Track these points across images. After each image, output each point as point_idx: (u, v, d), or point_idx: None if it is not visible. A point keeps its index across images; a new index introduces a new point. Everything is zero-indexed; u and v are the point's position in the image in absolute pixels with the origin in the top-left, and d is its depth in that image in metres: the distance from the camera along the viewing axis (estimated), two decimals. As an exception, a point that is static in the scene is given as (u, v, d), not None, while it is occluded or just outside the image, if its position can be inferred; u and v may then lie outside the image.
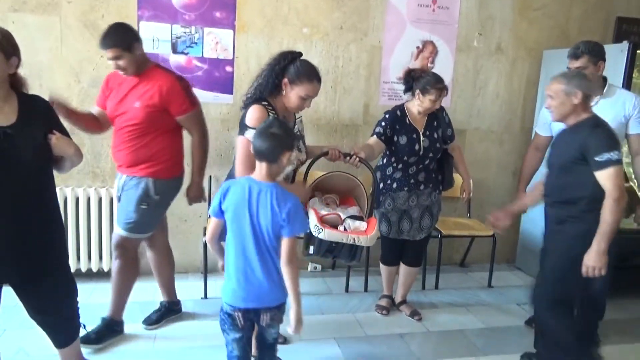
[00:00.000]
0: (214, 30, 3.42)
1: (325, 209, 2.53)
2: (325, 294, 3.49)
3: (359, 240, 2.29)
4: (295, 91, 2.23)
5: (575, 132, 2.29)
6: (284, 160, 1.86)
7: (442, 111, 3.02)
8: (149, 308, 3.08)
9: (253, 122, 2.15)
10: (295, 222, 1.84)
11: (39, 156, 1.95)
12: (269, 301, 1.93)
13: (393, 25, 3.71)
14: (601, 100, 2.73)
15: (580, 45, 2.69)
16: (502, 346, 2.90)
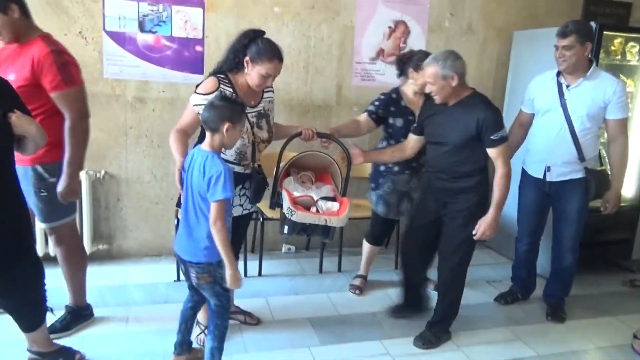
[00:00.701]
0: (182, 9, 3.32)
1: (299, 188, 2.53)
2: (299, 274, 3.48)
3: (330, 221, 2.36)
4: (257, 69, 2.25)
5: (464, 111, 2.40)
6: (223, 130, 1.98)
7: None
8: (120, 292, 3.03)
9: (200, 89, 2.25)
10: (215, 188, 1.96)
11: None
12: (188, 255, 2.10)
13: (365, 4, 3.66)
14: (584, 81, 2.76)
15: (569, 23, 2.70)
16: (472, 323, 2.94)
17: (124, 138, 3.38)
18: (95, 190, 3.38)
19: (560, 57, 2.74)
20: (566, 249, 2.97)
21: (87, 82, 3.19)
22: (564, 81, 2.82)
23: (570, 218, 2.90)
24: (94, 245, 3.38)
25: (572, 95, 2.79)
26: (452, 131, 2.44)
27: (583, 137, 2.78)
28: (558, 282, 3.10)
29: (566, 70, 2.77)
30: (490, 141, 2.37)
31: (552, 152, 2.86)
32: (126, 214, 3.49)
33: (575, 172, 2.84)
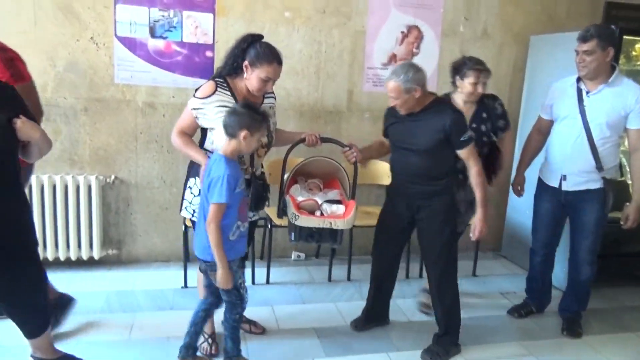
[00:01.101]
0: (193, 14, 3.31)
1: (305, 194, 2.49)
2: (308, 283, 3.43)
3: (335, 224, 2.35)
4: (256, 73, 2.23)
5: (430, 117, 2.41)
6: (241, 137, 2.04)
7: (495, 101, 2.81)
8: (126, 297, 3.02)
9: (198, 93, 2.25)
10: (213, 190, 2.03)
11: (2, 140, 1.87)
12: (200, 253, 2.18)
13: (377, 9, 3.60)
14: (605, 88, 2.65)
15: (590, 28, 2.60)
16: (483, 336, 2.85)
17: (134, 143, 3.38)
18: (106, 195, 3.39)
19: (580, 62, 2.64)
20: (583, 261, 2.86)
21: (98, 87, 3.27)
22: (584, 87, 2.71)
23: (587, 229, 2.79)
24: (103, 250, 3.39)
25: (591, 102, 2.68)
26: (420, 137, 2.43)
27: (602, 145, 2.67)
28: (574, 296, 2.99)
29: (586, 76, 2.67)
30: (460, 143, 2.41)
31: (569, 161, 2.75)
32: (136, 219, 3.49)
33: (592, 182, 2.73)
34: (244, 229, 2.19)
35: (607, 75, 2.65)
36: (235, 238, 2.15)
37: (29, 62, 3.09)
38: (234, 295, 2.24)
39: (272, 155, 3.47)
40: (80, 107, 3.25)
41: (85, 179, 3.24)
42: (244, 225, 2.19)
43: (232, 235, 2.13)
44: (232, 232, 2.13)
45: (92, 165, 3.33)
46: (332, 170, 2.64)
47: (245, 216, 2.20)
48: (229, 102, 2.25)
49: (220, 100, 2.24)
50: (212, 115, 2.24)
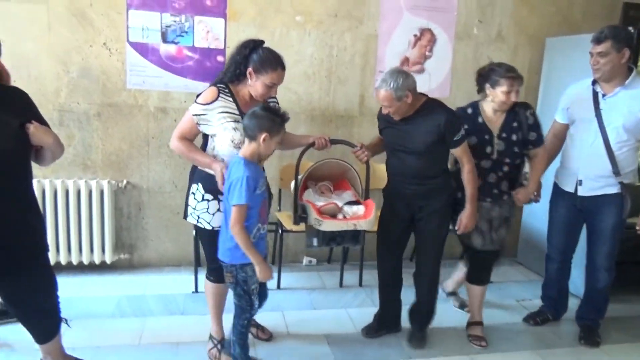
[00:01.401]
0: (204, 19, 3.31)
1: (321, 198, 2.47)
2: (319, 288, 3.40)
3: (359, 225, 2.35)
4: (261, 80, 2.22)
5: (424, 119, 2.42)
6: (260, 140, 2.05)
7: (526, 110, 2.60)
8: (138, 302, 3.02)
9: (200, 98, 2.25)
10: (233, 192, 2.04)
11: (15, 145, 1.88)
12: (219, 253, 2.21)
13: (389, 12, 3.57)
14: (621, 90, 2.58)
15: (605, 29, 2.54)
16: (498, 344, 2.79)
17: (145, 148, 3.39)
18: (118, 200, 3.40)
19: (595, 65, 2.58)
20: (600, 268, 2.78)
21: (111, 93, 3.29)
22: (600, 90, 2.65)
23: (604, 236, 2.71)
24: (115, 255, 3.40)
25: (607, 105, 2.62)
26: (415, 139, 2.43)
27: (619, 149, 2.60)
28: (592, 304, 2.91)
29: (601, 79, 2.61)
30: (454, 142, 2.42)
31: (585, 165, 2.69)
32: (147, 223, 3.50)
33: (609, 186, 2.66)
34: (263, 231, 2.20)
35: (623, 77, 2.58)
36: (255, 240, 2.15)
37: (43, 69, 3.17)
38: (244, 300, 2.23)
39: (285, 159, 3.49)
40: (93, 112, 3.27)
41: (97, 184, 3.26)
42: (264, 228, 2.20)
43: (252, 238, 2.13)
44: (253, 234, 2.13)
45: (105, 170, 3.35)
46: (340, 171, 2.63)
47: (265, 218, 2.20)
48: (231, 108, 2.24)
49: (222, 107, 2.23)
50: (214, 122, 2.23)
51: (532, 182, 2.68)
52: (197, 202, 2.32)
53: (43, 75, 3.17)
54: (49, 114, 3.17)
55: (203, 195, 2.30)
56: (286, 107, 2.67)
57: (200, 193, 2.30)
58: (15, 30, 3.08)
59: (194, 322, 2.81)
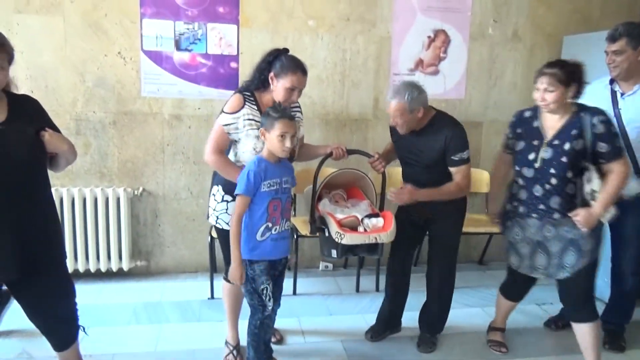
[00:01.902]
0: (217, 26, 3.33)
1: (337, 208, 2.45)
2: (335, 294, 3.37)
3: (380, 238, 2.31)
4: (281, 83, 2.25)
5: (432, 132, 2.41)
6: (262, 137, 2.12)
7: (593, 116, 2.21)
8: (154, 309, 3.03)
9: (227, 107, 2.28)
10: (238, 182, 2.10)
11: (32, 153, 1.91)
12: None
13: (402, 14, 3.55)
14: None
15: (619, 26, 2.48)
16: (519, 349, 2.73)
17: (161, 155, 3.41)
18: (134, 207, 3.43)
19: (611, 63, 2.53)
20: (626, 272, 2.71)
21: (126, 101, 3.32)
22: (618, 89, 2.59)
23: (628, 238, 2.64)
24: (132, 262, 3.42)
25: (626, 104, 2.55)
26: (424, 153, 2.44)
27: (639, 150, 2.53)
28: (618, 308, 2.83)
29: (619, 77, 2.55)
30: (452, 161, 2.41)
31: None
32: (163, 230, 3.52)
33: (630, 188, 2.56)
34: (275, 232, 2.17)
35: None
36: (263, 239, 2.14)
37: (60, 79, 3.22)
38: (255, 299, 2.23)
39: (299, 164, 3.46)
40: (108, 120, 3.31)
41: (114, 192, 3.29)
42: (276, 229, 2.17)
43: (259, 236, 2.13)
44: (260, 232, 2.13)
45: (121, 177, 3.38)
46: (353, 179, 2.60)
47: (277, 219, 2.17)
48: (255, 115, 2.27)
49: (248, 114, 2.26)
50: (241, 129, 2.26)
51: (599, 203, 2.22)
52: (216, 202, 2.36)
53: (60, 86, 3.22)
54: (66, 124, 3.22)
55: (222, 197, 2.33)
56: (299, 112, 2.69)
57: (220, 194, 2.34)
58: (33, 42, 3.14)
59: (210, 329, 2.81)
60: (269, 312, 2.25)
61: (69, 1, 3.15)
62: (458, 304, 3.24)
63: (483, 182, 3.65)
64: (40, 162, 1.98)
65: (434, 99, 3.65)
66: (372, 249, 2.36)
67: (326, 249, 2.39)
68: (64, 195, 3.20)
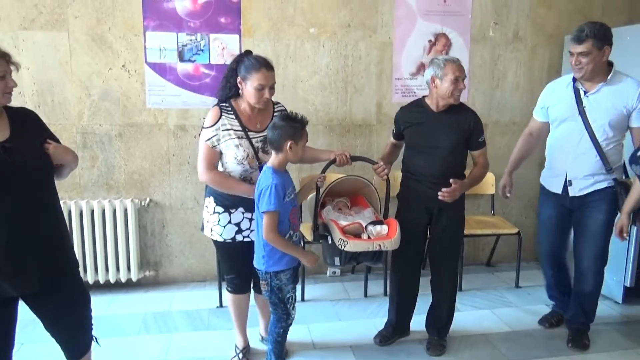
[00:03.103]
0: (220, 36, 3.38)
1: (340, 216, 2.45)
2: (343, 299, 3.38)
3: (384, 245, 2.30)
4: (249, 85, 2.25)
5: (453, 116, 2.47)
6: (287, 149, 2.10)
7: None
8: (163, 318, 3.06)
9: (206, 122, 2.30)
10: (263, 200, 2.09)
11: (41, 165, 1.94)
12: (255, 261, 2.27)
13: (403, 19, 3.58)
14: (603, 87, 2.50)
15: (584, 27, 2.45)
16: (528, 350, 2.73)
17: (167, 166, 3.45)
18: (141, 218, 3.47)
19: (577, 65, 2.49)
20: (588, 271, 2.67)
21: (131, 113, 3.37)
22: (582, 87, 2.56)
23: (593, 235, 2.62)
24: (140, 272, 3.46)
25: (591, 102, 2.53)
26: (445, 137, 2.47)
27: (606, 146, 2.52)
28: (580, 308, 2.78)
29: (583, 78, 2.53)
30: (478, 143, 2.52)
31: (573, 165, 2.60)
32: (171, 240, 3.55)
33: (598, 182, 2.57)
34: (296, 238, 2.22)
35: (605, 74, 2.50)
36: None
37: (66, 93, 3.27)
38: (280, 309, 2.26)
39: (304, 171, 3.50)
40: (114, 133, 3.36)
41: (121, 203, 3.33)
42: (296, 235, 2.22)
43: None
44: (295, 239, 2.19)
45: (128, 189, 3.43)
46: (357, 187, 2.60)
47: (297, 225, 2.22)
48: (234, 125, 2.29)
49: (226, 124, 2.29)
50: (222, 140, 2.28)
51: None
52: (209, 214, 2.39)
53: (66, 100, 3.28)
54: (73, 137, 3.28)
55: (214, 208, 2.35)
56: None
57: (212, 206, 2.36)
58: (39, 58, 3.20)
59: (219, 337, 2.83)
60: (292, 320, 2.29)
61: (74, 17, 3.21)
62: (466, 306, 3.25)
63: (489, 184, 3.66)
64: (49, 173, 2.02)
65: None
66: (375, 257, 2.34)
67: (329, 256, 2.38)
68: (72, 208, 3.24)
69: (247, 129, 2.28)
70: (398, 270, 2.73)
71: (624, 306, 3.25)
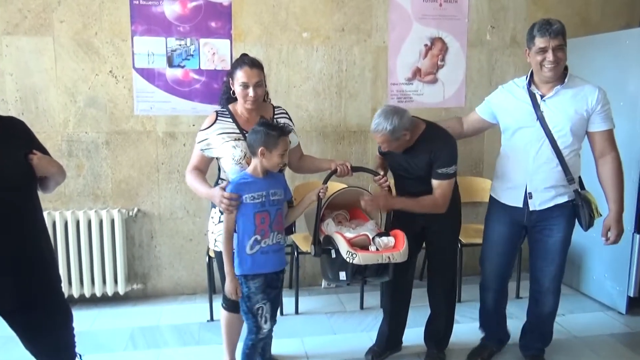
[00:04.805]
0: (210, 41, 3.39)
1: (344, 229, 2.42)
2: (339, 312, 3.37)
3: (393, 257, 2.26)
4: (236, 84, 2.31)
5: (422, 146, 2.42)
6: (259, 154, 2.13)
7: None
8: (152, 333, 3.03)
9: (202, 125, 2.37)
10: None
11: (24, 178, 1.92)
12: None
13: (398, 23, 3.60)
14: (561, 90, 2.36)
15: (553, 20, 2.35)
16: (530, 363, 2.72)
17: (155, 174, 3.44)
18: (129, 228, 3.45)
19: (553, 62, 2.30)
20: (547, 292, 2.56)
21: (119, 120, 3.36)
22: (537, 91, 2.41)
23: (552, 253, 2.51)
24: (128, 285, 3.43)
25: (549, 107, 2.39)
26: (415, 166, 2.46)
27: (567, 154, 2.39)
28: (538, 331, 2.69)
29: (552, 78, 2.36)
30: (436, 173, 2.42)
31: (533, 175, 2.44)
32: (160, 251, 3.53)
33: (559, 196, 2.45)
34: (265, 245, 2.18)
35: (562, 76, 2.38)
36: (253, 252, 2.17)
37: (51, 100, 3.26)
38: (250, 320, 2.24)
39: (297, 179, 3.49)
40: (101, 140, 3.35)
41: (108, 213, 3.31)
42: (266, 242, 2.18)
43: (249, 249, 2.16)
44: (250, 245, 2.16)
45: (115, 198, 3.41)
46: (356, 199, 2.54)
47: (266, 232, 2.18)
48: (230, 128, 2.32)
49: (221, 128, 2.32)
50: (216, 144, 2.31)
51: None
52: (214, 225, 2.37)
53: (51, 107, 3.27)
54: (58, 145, 3.26)
55: (219, 218, 2.34)
56: (297, 125, 2.73)
57: (217, 216, 2.35)
58: (23, 63, 3.19)
59: (209, 352, 2.81)
60: (264, 334, 2.25)
61: (59, 21, 3.21)
62: (466, 317, 3.24)
63: (486, 191, 3.64)
64: (32, 186, 2.00)
65: (433, 107, 3.71)
66: (381, 270, 2.30)
67: (332, 272, 2.32)
68: (56, 219, 3.22)
69: (244, 131, 2.31)
70: (392, 286, 2.68)
71: (628, 317, 3.26)
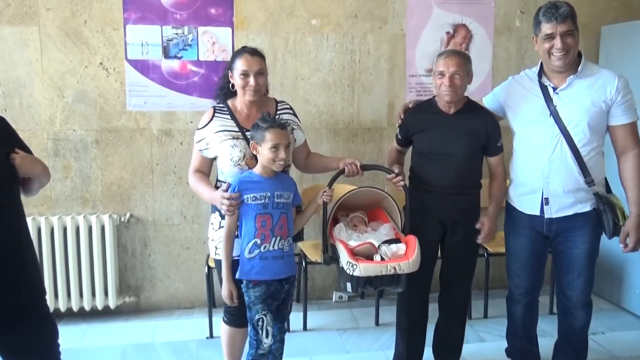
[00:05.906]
0: (209, 29, 3.38)
1: (354, 235, 2.39)
2: (352, 328, 3.33)
3: (400, 267, 2.22)
4: (235, 73, 2.33)
5: (468, 119, 2.44)
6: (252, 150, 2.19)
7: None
8: (145, 351, 3.02)
9: (199, 124, 2.39)
10: None
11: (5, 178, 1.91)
12: None
13: (417, 8, 3.57)
14: (575, 80, 2.31)
15: (559, 3, 2.28)
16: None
17: (149, 176, 3.43)
18: (121, 236, 3.44)
19: (562, 49, 2.25)
20: (577, 305, 2.51)
21: (110, 117, 3.35)
22: (549, 83, 2.37)
23: (578, 266, 2.44)
24: (119, 298, 3.42)
25: (562, 100, 2.33)
26: (458, 141, 2.44)
27: (586, 153, 2.32)
28: (571, 349, 2.62)
29: (563, 68, 2.31)
30: (496, 149, 2.49)
31: (549, 178, 2.38)
32: (154, 261, 3.52)
33: (580, 203, 2.38)
34: (265, 251, 2.17)
35: (575, 65, 2.32)
36: (252, 256, 2.16)
37: (37, 94, 3.26)
38: (252, 332, 2.23)
39: (306, 181, 3.47)
40: (90, 139, 3.34)
41: (98, 219, 3.31)
42: (266, 247, 2.17)
43: (247, 252, 2.16)
44: (249, 248, 2.16)
45: (105, 203, 3.40)
46: (375, 199, 2.55)
47: (267, 236, 2.17)
48: (228, 125, 2.32)
49: (218, 125, 2.32)
50: (213, 143, 2.31)
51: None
52: (214, 231, 2.36)
53: (36, 102, 3.27)
54: (43, 144, 3.26)
55: (220, 223, 2.33)
56: (305, 122, 2.71)
57: (217, 221, 2.34)
58: (6, 55, 3.20)
59: (208, 373, 2.79)
60: (265, 350, 2.23)
61: (45, 9, 3.21)
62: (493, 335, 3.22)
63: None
64: (14, 188, 1.99)
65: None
66: (395, 280, 2.27)
67: (342, 281, 2.33)
68: (42, 225, 3.22)
69: (244, 129, 2.29)
70: (406, 293, 2.54)
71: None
